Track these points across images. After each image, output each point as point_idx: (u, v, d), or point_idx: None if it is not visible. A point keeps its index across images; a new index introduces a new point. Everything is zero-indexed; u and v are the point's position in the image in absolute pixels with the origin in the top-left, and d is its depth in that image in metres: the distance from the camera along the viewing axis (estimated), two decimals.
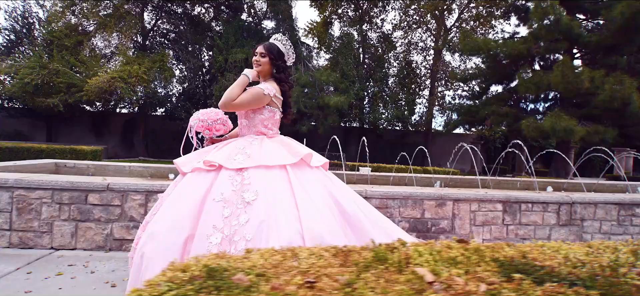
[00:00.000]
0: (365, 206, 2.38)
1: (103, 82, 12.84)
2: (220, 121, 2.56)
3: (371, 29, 20.80)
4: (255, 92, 2.29)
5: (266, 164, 2.06)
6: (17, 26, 17.54)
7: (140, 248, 1.75)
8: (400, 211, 3.99)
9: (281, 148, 2.24)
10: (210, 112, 2.56)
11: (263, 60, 2.40)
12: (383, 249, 0.86)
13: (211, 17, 19.23)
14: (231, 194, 1.91)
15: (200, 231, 1.80)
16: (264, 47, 2.42)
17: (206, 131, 2.54)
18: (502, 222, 4.34)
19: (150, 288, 0.70)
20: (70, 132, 18.05)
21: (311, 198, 1.99)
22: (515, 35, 13.50)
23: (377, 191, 3.93)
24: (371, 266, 0.82)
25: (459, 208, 4.14)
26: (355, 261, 0.83)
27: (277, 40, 2.49)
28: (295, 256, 0.84)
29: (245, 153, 2.13)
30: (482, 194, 4.24)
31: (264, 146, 2.22)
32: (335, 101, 14.55)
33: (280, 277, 0.70)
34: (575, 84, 9.54)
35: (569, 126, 9.54)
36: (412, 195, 4.00)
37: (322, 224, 1.88)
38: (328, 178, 2.27)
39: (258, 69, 2.41)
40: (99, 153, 8.85)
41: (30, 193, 3.50)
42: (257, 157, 2.10)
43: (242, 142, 2.26)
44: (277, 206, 1.87)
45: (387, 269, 0.79)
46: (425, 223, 4.05)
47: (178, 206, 1.92)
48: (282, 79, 2.45)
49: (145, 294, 0.68)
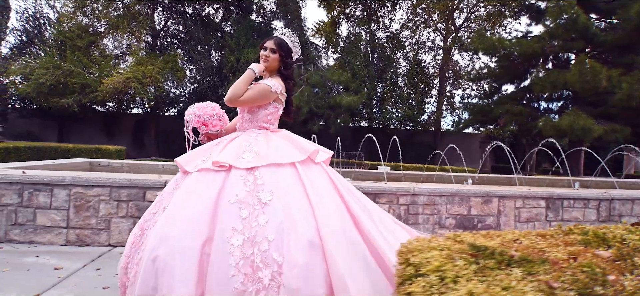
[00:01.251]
0: (366, 201, 2.38)
1: (118, 83, 12.88)
2: (216, 116, 2.54)
3: (379, 28, 20.84)
4: (263, 88, 2.26)
5: (277, 163, 2.05)
6: (28, 27, 17.57)
7: (151, 251, 1.71)
8: (447, 208, 4.03)
9: (288, 144, 2.23)
10: (206, 107, 2.54)
11: (273, 56, 2.36)
12: (597, 231, 0.91)
13: (221, 18, 19.27)
14: (246, 195, 1.90)
15: (219, 234, 1.79)
16: (275, 43, 2.37)
17: (202, 127, 2.52)
18: (545, 218, 4.38)
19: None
20: (81, 133, 18.09)
21: (320, 194, 2.00)
22: (528, 35, 13.55)
23: (424, 188, 3.97)
24: (590, 243, 0.86)
25: (504, 205, 4.19)
26: (572, 241, 0.88)
27: (285, 37, 2.45)
28: (516, 239, 0.88)
29: (253, 151, 2.11)
30: (525, 191, 4.29)
31: (270, 142, 2.21)
32: (348, 101, 14.58)
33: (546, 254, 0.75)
34: (593, 83, 9.58)
35: (586, 125, 9.58)
36: (458, 192, 4.04)
37: (336, 220, 1.91)
38: (330, 174, 2.26)
39: (266, 65, 2.37)
40: (123, 152, 8.92)
41: (88, 190, 3.54)
42: (266, 155, 2.09)
43: (246, 138, 2.24)
44: (292, 205, 1.88)
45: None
46: (472, 219, 4.09)
47: (189, 207, 1.87)
48: (288, 76, 2.43)
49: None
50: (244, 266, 1.72)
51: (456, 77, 20.48)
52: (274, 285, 1.69)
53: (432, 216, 3.98)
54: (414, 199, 3.93)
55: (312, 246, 1.77)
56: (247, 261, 1.73)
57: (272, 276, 1.70)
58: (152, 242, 1.74)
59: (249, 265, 1.72)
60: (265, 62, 2.36)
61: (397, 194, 3.89)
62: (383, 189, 3.88)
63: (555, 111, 13.48)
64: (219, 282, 1.69)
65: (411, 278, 0.79)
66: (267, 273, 1.70)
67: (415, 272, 0.79)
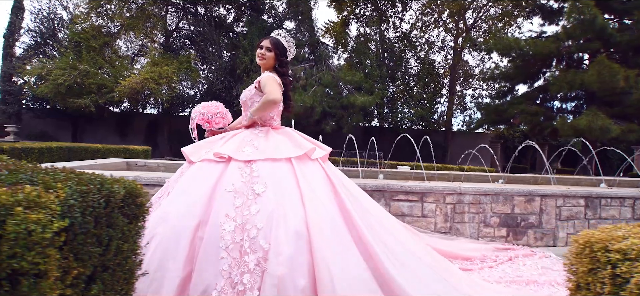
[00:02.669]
0: (364, 199, 2.49)
1: (136, 83, 13.01)
2: (219, 114, 2.68)
3: (389, 28, 20.91)
4: (268, 77, 2.44)
5: (273, 157, 2.19)
6: (43, 28, 17.71)
7: (151, 230, 1.82)
8: (492, 207, 4.12)
9: (286, 141, 2.36)
10: (211, 106, 2.69)
11: (269, 54, 2.52)
12: None
13: (233, 18, 19.38)
14: (241, 185, 2.02)
15: (213, 218, 1.91)
16: (271, 42, 2.53)
17: (206, 124, 2.67)
18: (584, 216, 4.47)
19: None
20: (95, 133, 18.22)
21: (313, 189, 2.12)
22: (542, 35, 13.63)
23: (470, 188, 4.07)
24: None
25: (545, 204, 4.28)
26: None
27: (281, 37, 2.59)
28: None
29: (253, 145, 2.25)
30: (565, 190, 4.38)
31: (270, 138, 2.35)
32: (363, 101, 14.67)
33: None
34: (611, 83, 9.68)
35: (605, 125, 9.68)
36: (502, 191, 4.14)
37: (326, 214, 2.02)
38: (327, 170, 2.38)
39: (262, 63, 2.54)
40: (149, 152, 9.10)
41: (150, 190, 3.64)
42: (264, 150, 2.23)
43: (249, 134, 2.37)
44: (284, 197, 2.00)
45: None
46: (515, 218, 4.19)
47: (189, 193, 2.03)
48: (284, 73, 2.57)
49: None
50: (233, 250, 1.83)
51: (466, 76, 20.54)
52: (258, 270, 1.79)
53: (477, 214, 4.08)
54: (459, 199, 4.03)
55: (298, 237, 1.88)
56: (236, 246, 1.84)
57: (258, 261, 1.81)
58: (153, 221, 1.87)
59: (237, 250, 1.84)
60: (262, 60, 2.53)
61: (444, 193, 3.99)
62: (430, 188, 3.98)
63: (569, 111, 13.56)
64: (208, 262, 1.81)
65: (615, 264, 0.90)
66: (253, 259, 1.81)
67: (622, 257, 0.89)
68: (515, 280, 2.86)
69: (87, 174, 1.16)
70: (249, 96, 2.58)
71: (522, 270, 3.13)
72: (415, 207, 3.95)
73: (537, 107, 12.86)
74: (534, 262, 3.36)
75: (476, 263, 3.20)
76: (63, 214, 0.81)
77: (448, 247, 3.27)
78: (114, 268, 1.11)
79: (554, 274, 3.04)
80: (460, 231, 4.02)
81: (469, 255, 3.29)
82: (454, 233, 4.01)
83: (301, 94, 15.43)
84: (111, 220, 1.08)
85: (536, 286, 2.78)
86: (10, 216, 0.69)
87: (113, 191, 1.09)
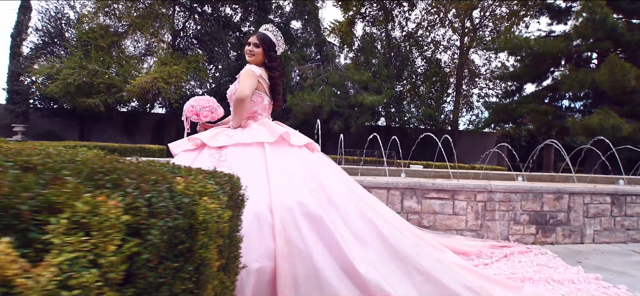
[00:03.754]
0: (355, 187, 2.47)
1: (146, 83, 13.05)
2: (208, 108, 2.70)
3: (394, 28, 20.96)
4: (245, 70, 2.44)
5: (243, 143, 2.20)
6: (50, 27, 17.73)
7: None
8: (521, 205, 4.16)
9: (262, 129, 2.35)
10: (201, 100, 2.72)
11: (257, 50, 2.52)
12: None
13: (240, 18, 19.42)
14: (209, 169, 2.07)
15: None
16: (258, 38, 2.53)
17: (194, 116, 2.70)
18: (611, 214, 4.52)
19: None
20: (102, 132, 18.26)
21: (287, 173, 2.06)
22: (550, 34, 13.69)
23: (500, 186, 4.11)
24: None
25: (573, 201, 4.32)
26: None
27: (268, 31, 2.61)
28: None
29: (227, 134, 2.28)
30: (592, 188, 4.43)
31: (247, 129, 2.37)
32: (371, 100, 14.72)
33: None
34: (623, 82, 9.74)
35: (616, 124, 9.74)
36: (532, 189, 4.18)
37: (293, 198, 1.90)
38: (313, 158, 2.35)
39: (251, 59, 2.53)
40: (164, 151, 9.15)
41: None
42: (236, 137, 2.24)
43: (227, 127, 2.43)
44: (249, 180, 1.90)
45: None
46: (544, 215, 4.23)
47: None
48: (273, 68, 2.58)
49: None
50: None
51: (472, 76, 20.60)
52: None
53: (507, 212, 4.12)
54: (490, 196, 4.07)
55: (257, 219, 1.80)
56: None
57: None
58: None
59: None
60: (251, 56, 2.53)
61: (475, 191, 4.03)
62: (461, 186, 4.02)
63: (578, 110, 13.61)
64: None
65: None
66: None
67: None
68: (510, 277, 2.80)
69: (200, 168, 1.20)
70: (233, 90, 2.59)
71: (517, 267, 3.10)
72: (447, 205, 3.99)
73: (547, 106, 12.91)
74: (530, 259, 3.33)
75: (472, 258, 3.19)
76: (227, 205, 0.85)
77: (446, 242, 3.24)
78: (231, 258, 1.15)
79: (549, 271, 3.00)
80: (490, 228, 4.06)
81: (466, 250, 3.28)
82: (485, 231, 4.05)
83: (310, 93, 15.48)
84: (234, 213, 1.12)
85: (531, 283, 2.74)
86: (197, 206, 0.73)
87: (233, 184, 1.13)
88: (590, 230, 4.40)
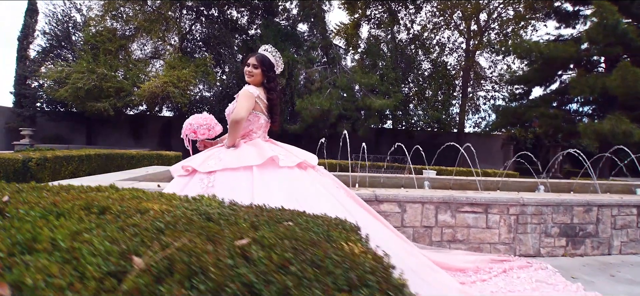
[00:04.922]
0: (347, 202, 2.46)
1: (156, 87, 13.08)
2: (205, 126, 2.74)
3: (400, 30, 21.00)
4: (243, 91, 2.49)
5: (231, 167, 2.24)
6: (57, 31, 17.72)
7: None
8: (552, 218, 4.21)
9: (252, 151, 2.39)
10: (199, 118, 2.77)
11: (256, 71, 2.59)
12: None
13: (246, 21, 19.45)
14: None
15: None
16: (257, 59, 2.60)
17: (192, 134, 2.74)
18: (637, 225, 4.58)
19: None
20: (109, 136, 18.29)
21: (271, 193, 2.09)
22: (559, 38, 13.76)
23: (532, 199, 4.16)
24: None
25: (602, 213, 4.38)
26: None
27: (267, 52, 2.66)
28: None
29: (218, 158, 2.32)
30: (619, 199, 4.48)
31: (237, 150, 2.40)
32: (381, 104, 14.77)
33: None
34: (635, 87, 9.81)
35: (628, 129, 9.81)
36: (563, 202, 4.23)
37: None
38: (299, 176, 2.37)
39: (250, 80, 2.60)
40: (180, 157, 9.21)
41: None
42: (225, 161, 2.28)
43: (220, 148, 2.48)
44: None
45: None
46: (574, 227, 4.28)
47: None
48: (271, 88, 2.62)
49: None
50: None
51: (478, 79, 20.66)
52: None
53: (539, 225, 4.17)
54: (523, 210, 4.12)
55: None
56: None
57: None
58: None
59: None
60: (250, 77, 2.59)
61: (508, 204, 4.08)
62: (495, 199, 4.07)
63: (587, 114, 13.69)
64: None
65: None
66: None
67: None
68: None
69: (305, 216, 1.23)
70: (231, 109, 2.64)
71: (515, 284, 3.00)
72: (480, 219, 4.04)
73: (556, 110, 12.99)
74: (529, 275, 3.24)
75: (469, 275, 3.10)
76: None
77: (442, 259, 3.19)
78: None
79: (548, 289, 2.90)
80: (522, 241, 4.11)
81: (462, 266, 3.21)
82: (517, 244, 4.10)
83: (318, 97, 15.52)
84: None
85: None
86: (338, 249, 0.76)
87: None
88: (617, 242, 4.45)
